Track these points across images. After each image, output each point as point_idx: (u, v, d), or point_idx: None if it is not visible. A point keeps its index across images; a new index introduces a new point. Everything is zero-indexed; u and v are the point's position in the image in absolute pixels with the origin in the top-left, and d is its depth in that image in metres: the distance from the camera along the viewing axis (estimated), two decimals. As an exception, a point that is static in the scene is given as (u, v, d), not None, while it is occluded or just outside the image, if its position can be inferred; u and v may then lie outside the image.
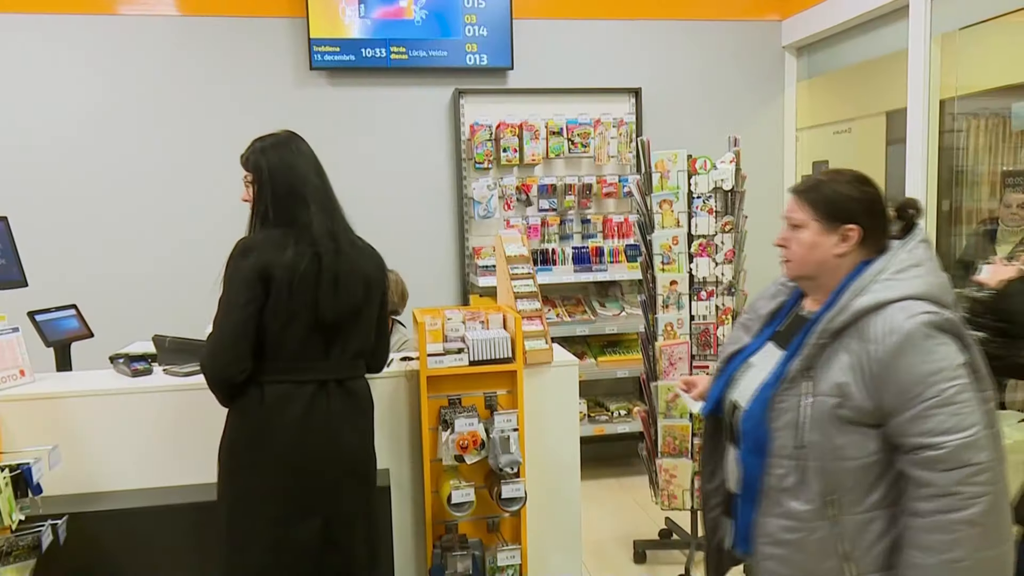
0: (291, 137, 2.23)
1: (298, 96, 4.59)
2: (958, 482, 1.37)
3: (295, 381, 1.99)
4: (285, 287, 1.93)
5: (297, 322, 1.96)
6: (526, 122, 4.61)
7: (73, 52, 4.37)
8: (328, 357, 2.04)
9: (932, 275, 1.50)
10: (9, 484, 1.90)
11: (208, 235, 4.52)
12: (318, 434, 2.01)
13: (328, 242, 2.04)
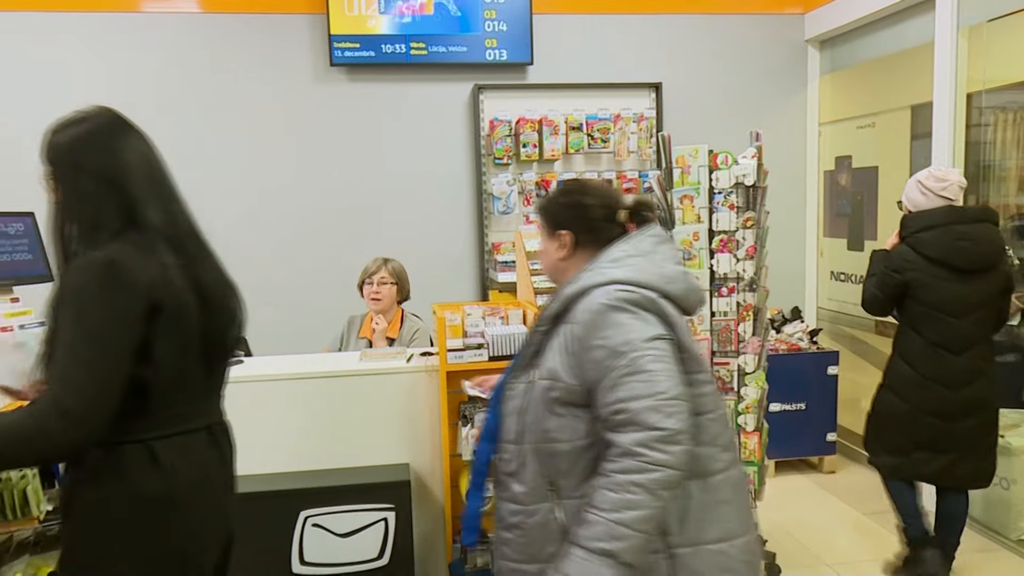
0: (113, 116, 1.69)
1: (318, 92, 4.61)
2: (640, 443, 1.37)
3: (185, 431, 1.53)
4: (176, 315, 1.46)
5: (188, 356, 1.51)
6: (546, 117, 4.60)
7: (95, 50, 4.42)
8: (208, 397, 1.63)
9: (650, 264, 1.57)
10: (36, 475, 1.93)
11: (229, 232, 4.56)
12: (220, 490, 1.62)
13: (189, 248, 1.58)
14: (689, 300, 1.62)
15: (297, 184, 4.62)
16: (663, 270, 1.58)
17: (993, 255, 2.94)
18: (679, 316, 1.56)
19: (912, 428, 3.02)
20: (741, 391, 3.25)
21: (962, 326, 2.94)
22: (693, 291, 1.63)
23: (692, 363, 1.52)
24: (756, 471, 3.27)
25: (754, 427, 3.26)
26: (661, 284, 1.55)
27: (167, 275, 1.46)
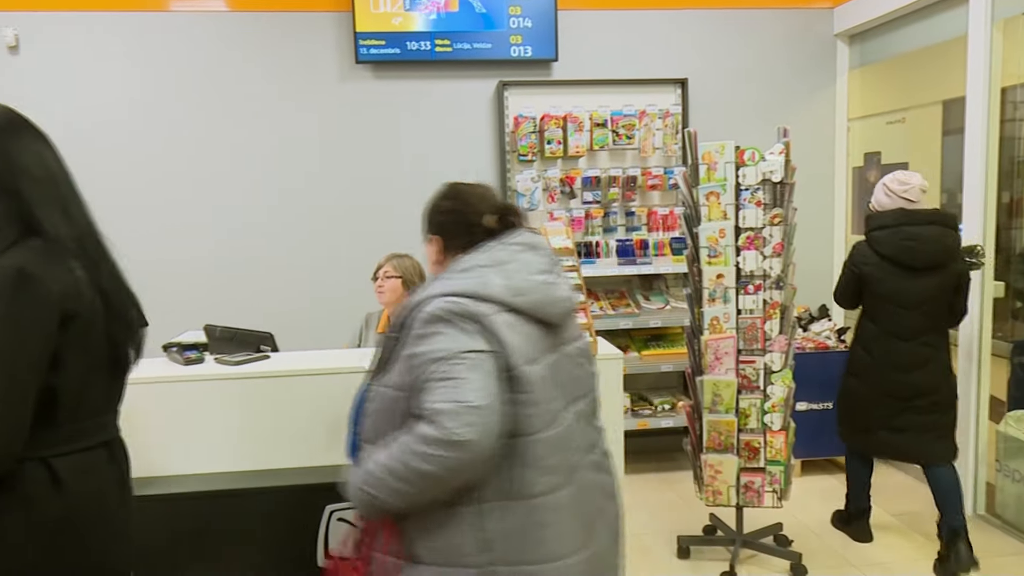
0: (8, 115, 1.51)
1: (344, 90, 4.64)
2: (426, 435, 1.38)
3: (86, 447, 1.43)
4: (86, 325, 1.39)
5: (93, 372, 1.44)
6: (570, 114, 4.59)
7: (125, 48, 4.49)
8: (108, 411, 1.53)
9: (499, 275, 1.54)
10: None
11: (256, 226, 4.61)
12: (118, 509, 1.52)
13: (92, 254, 1.49)
14: (545, 311, 1.57)
15: (322, 181, 4.65)
16: (512, 282, 1.54)
17: (941, 254, 3.21)
18: (526, 329, 1.52)
19: (871, 408, 3.35)
20: (767, 390, 3.22)
21: (912, 316, 3.24)
22: (552, 302, 1.59)
23: (518, 383, 1.47)
24: (782, 471, 3.25)
25: (780, 426, 3.23)
26: (505, 297, 1.52)
27: (77, 284, 1.39)
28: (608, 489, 1.74)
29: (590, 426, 1.71)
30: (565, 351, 1.64)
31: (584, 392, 1.70)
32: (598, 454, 1.73)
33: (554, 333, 1.61)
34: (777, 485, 3.26)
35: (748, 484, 3.27)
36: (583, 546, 1.59)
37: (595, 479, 1.68)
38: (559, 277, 1.66)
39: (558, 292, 1.62)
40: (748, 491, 3.28)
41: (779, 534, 3.52)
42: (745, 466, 3.26)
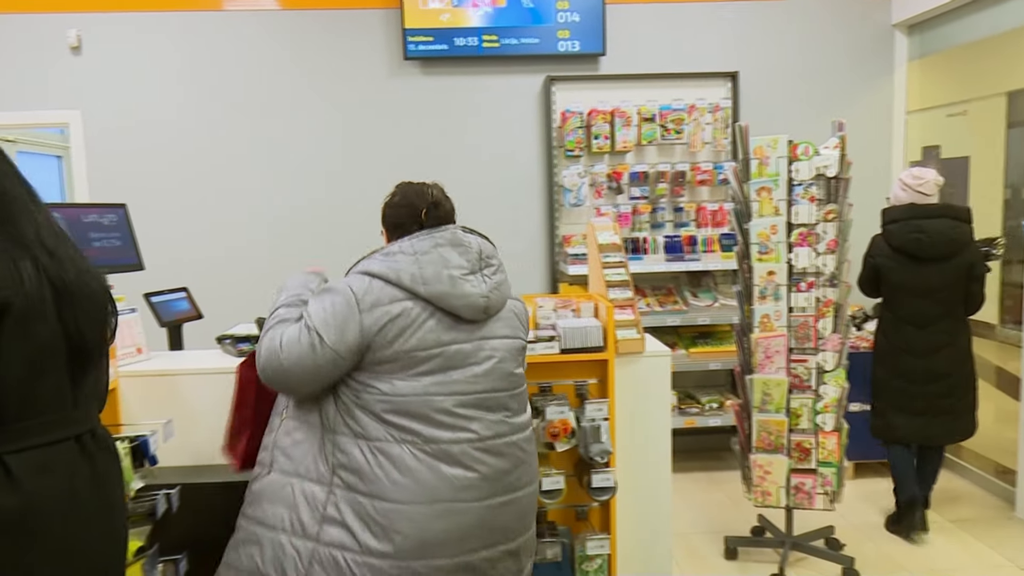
0: None
1: (392, 86, 4.68)
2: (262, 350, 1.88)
3: (47, 443, 1.39)
4: (25, 315, 1.34)
5: (42, 363, 1.39)
6: (618, 109, 4.55)
7: (180, 47, 4.59)
8: (77, 405, 1.48)
9: (413, 264, 1.81)
10: (128, 454, 2.02)
11: (306, 222, 4.68)
12: (93, 509, 1.48)
13: (41, 247, 1.42)
14: (450, 303, 1.81)
15: (370, 177, 4.70)
16: (423, 271, 1.80)
17: (947, 246, 3.37)
18: (429, 319, 1.80)
19: (888, 392, 3.53)
20: (820, 389, 3.15)
21: (925, 304, 3.43)
22: (457, 296, 1.81)
23: (395, 367, 1.79)
24: (835, 473, 3.18)
25: (833, 427, 3.16)
26: (410, 284, 1.80)
27: (15, 273, 1.33)
28: (492, 476, 1.84)
29: (489, 414, 1.86)
30: (485, 346, 1.86)
31: (493, 387, 1.87)
32: (501, 443, 1.87)
33: (468, 326, 1.84)
34: (829, 487, 3.19)
35: (799, 485, 3.21)
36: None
37: (480, 458, 1.83)
38: (480, 275, 1.87)
39: (466, 288, 1.82)
40: (799, 493, 3.21)
41: (830, 537, 3.44)
42: (796, 467, 3.20)
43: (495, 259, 1.98)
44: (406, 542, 1.75)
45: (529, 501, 1.95)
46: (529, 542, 1.97)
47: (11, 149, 6.74)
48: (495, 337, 1.90)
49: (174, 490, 2.25)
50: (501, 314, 1.95)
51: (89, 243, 2.71)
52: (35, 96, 4.56)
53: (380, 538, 1.76)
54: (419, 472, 1.77)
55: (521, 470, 1.91)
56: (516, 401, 1.94)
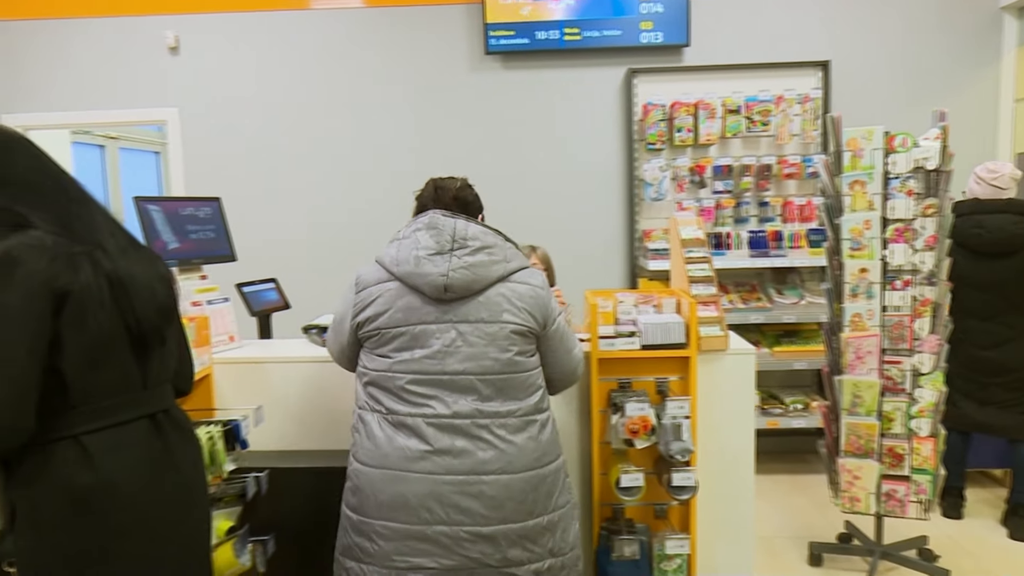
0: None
1: (473, 81, 4.71)
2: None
3: (120, 423, 1.49)
4: (83, 304, 1.43)
5: (104, 349, 1.47)
6: (702, 101, 4.45)
7: (270, 45, 4.74)
8: (147, 386, 1.57)
9: (396, 248, 2.00)
10: (221, 437, 2.10)
11: (391, 218, 4.76)
12: (169, 486, 1.57)
13: (95, 242, 1.51)
14: (413, 282, 1.95)
15: (450, 171, 4.73)
16: (398, 254, 1.98)
17: (1009, 241, 3.39)
18: (406, 296, 1.95)
19: (955, 380, 3.39)
20: (915, 393, 3.01)
21: (987, 298, 3.46)
22: (419, 275, 1.93)
23: (372, 341, 1.99)
24: (930, 480, 3.03)
25: (929, 432, 3.02)
26: (389, 264, 2.00)
27: (72, 263, 1.42)
28: (446, 452, 1.91)
29: (451, 395, 1.92)
30: (454, 328, 1.93)
31: (458, 369, 1.92)
32: (462, 424, 1.92)
33: (444, 306, 1.94)
34: (924, 495, 3.05)
35: (890, 492, 3.07)
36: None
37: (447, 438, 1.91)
38: (448, 255, 1.93)
39: (426, 267, 1.93)
40: (890, 500, 3.08)
41: (924, 548, 3.28)
42: (887, 473, 3.06)
43: (475, 241, 1.98)
44: (367, 501, 1.95)
45: (506, 490, 1.91)
46: (519, 534, 1.92)
47: (113, 146, 7.12)
48: (469, 321, 1.94)
49: (263, 473, 2.33)
50: (483, 297, 1.95)
51: (186, 235, 2.82)
52: (136, 95, 4.80)
53: (353, 493, 2.00)
54: (379, 439, 1.94)
55: (490, 455, 1.91)
56: (491, 387, 1.93)
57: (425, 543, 1.89)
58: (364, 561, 1.95)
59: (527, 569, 1.94)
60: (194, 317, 2.43)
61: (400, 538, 1.90)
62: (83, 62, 4.77)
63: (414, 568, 1.90)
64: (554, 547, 1.99)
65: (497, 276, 1.98)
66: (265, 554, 2.34)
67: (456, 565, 1.89)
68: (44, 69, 4.79)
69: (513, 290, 1.99)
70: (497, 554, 1.90)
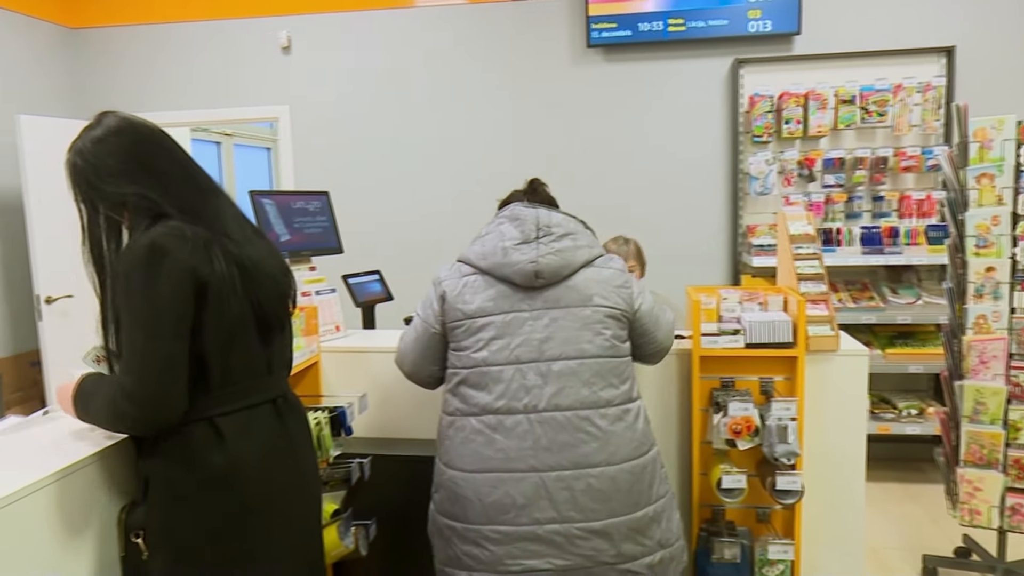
0: (120, 117, 1.63)
1: (574, 74, 4.69)
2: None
3: (249, 406, 1.57)
4: (220, 291, 1.50)
5: (236, 334, 1.54)
6: (813, 91, 4.27)
7: (376, 44, 4.86)
8: (270, 372, 1.65)
9: (479, 243, 2.03)
10: (328, 423, 2.18)
11: (491, 212, 4.80)
12: (288, 466, 1.64)
13: (225, 232, 1.58)
14: (503, 272, 1.94)
15: (554, 164, 4.74)
16: (483, 248, 2.00)
17: None
18: (492, 287, 1.94)
19: None
20: (1046, 401, 2.80)
21: None
22: (508, 264, 1.93)
23: (462, 334, 1.96)
24: (1062, 495, 2.81)
25: (1061, 444, 2.80)
26: (475, 260, 2.01)
27: (207, 252, 1.49)
28: (548, 447, 1.87)
29: (549, 384, 1.89)
30: (547, 314, 1.92)
31: (556, 355, 1.90)
32: (563, 416, 1.88)
33: (533, 293, 1.93)
34: (1053, 511, 2.83)
35: (1016, 506, 2.87)
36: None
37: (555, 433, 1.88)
38: (535, 243, 1.94)
39: (514, 256, 1.93)
40: (1016, 514, 2.88)
41: (1052, 568, 3.06)
42: (1013, 486, 2.86)
43: (559, 228, 1.99)
44: (471, 507, 1.89)
45: (612, 482, 1.87)
46: (629, 527, 1.88)
47: (228, 142, 7.48)
48: (560, 306, 1.93)
49: (367, 460, 2.41)
50: (572, 282, 1.95)
51: (296, 228, 2.94)
52: (251, 93, 5.03)
53: (452, 502, 1.94)
54: (477, 442, 1.90)
55: (593, 447, 1.87)
56: (589, 371, 1.90)
57: (537, 543, 1.85)
58: (475, 569, 1.90)
59: (642, 564, 1.90)
60: (303, 307, 2.53)
61: (511, 541, 1.86)
62: (204, 63, 5.04)
63: (527, 571, 1.85)
64: (662, 538, 1.95)
65: (583, 260, 1.99)
66: (367, 537, 2.41)
67: (571, 564, 1.85)
68: (170, 70, 5.08)
69: (599, 274, 2.00)
70: (612, 549, 1.86)
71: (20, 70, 4.72)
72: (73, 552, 1.49)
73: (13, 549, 1.34)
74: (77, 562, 1.50)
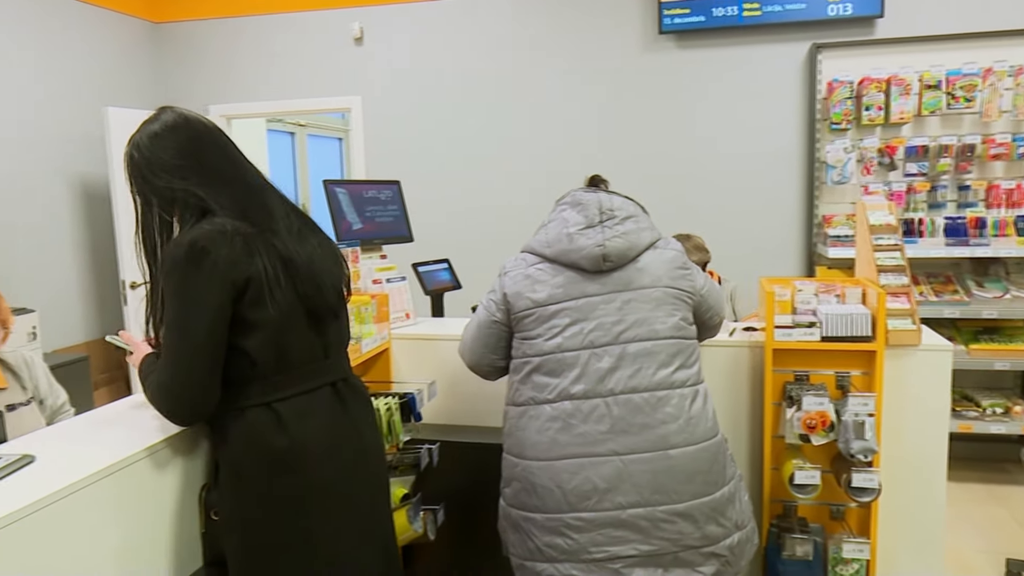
0: (177, 113, 1.65)
1: (645, 61, 4.62)
2: None
3: (306, 390, 1.61)
4: (262, 284, 1.53)
5: (286, 324, 1.58)
6: (895, 76, 4.11)
7: (446, 33, 4.90)
8: (328, 356, 1.69)
9: (542, 232, 2.04)
10: (398, 409, 2.22)
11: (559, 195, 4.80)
12: (351, 450, 1.67)
13: (271, 228, 1.60)
14: (570, 258, 1.94)
15: (622, 152, 4.70)
16: (547, 236, 2.00)
17: None
18: (559, 274, 1.94)
19: None
20: None
21: None
22: (575, 250, 1.93)
23: (532, 323, 1.95)
24: None
25: None
26: (540, 248, 2.01)
27: (248, 248, 1.52)
28: (627, 430, 1.85)
29: (625, 366, 1.87)
30: (619, 297, 1.90)
31: (631, 337, 1.88)
32: (640, 398, 1.85)
33: (602, 277, 1.92)
34: None
35: (1111, 513, 2.72)
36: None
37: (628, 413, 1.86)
38: (600, 227, 1.94)
39: (581, 241, 1.93)
40: (1111, 521, 2.73)
41: None
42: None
43: (621, 211, 1.99)
44: (550, 496, 1.85)
45: (694, 462, 1.85)
46: (711, 507, 1.85)
47: (302, 133, 7.66)
48: (631, 288, 1.92)
49: (435, 446, 2.44)
50: (640, 264, 1.94)
51: (368, 217, 2.99)
52: (323, 84, 5.13)
53: (529, 493, 1.90)
54: (552, 429, 1.87)
55: (672, 427, 1.84)
56: (665, 352, 1.89)
57: (621, 529, 1.81)
58: (559, 560, 1.86)
59: (724, 546, 1.86)
60: (375, 294, 2.58)
61: (594, 527, 1.82)
62: (279, 55, 5.17)
63: (612, 558, 1.81)
64: (738, 520, 1.92)
65: (648, 242, 1.99)
66: (435, 523, 2.46)
67: (656, 549, 1.81)
68: (247, 62, 5.23)
69: (662, 255, 1.99)
70: (697, 532, 1.83)
71: (108, 64, 4.93)
72: (159, 526, 1.56)
73: (106, 519, 1.42)
74: (163, 535, 1.57)
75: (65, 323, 4.56)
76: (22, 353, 2.36)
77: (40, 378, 2.34)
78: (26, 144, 4.31)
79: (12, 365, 2.29)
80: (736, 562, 1.90)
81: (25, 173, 4.30)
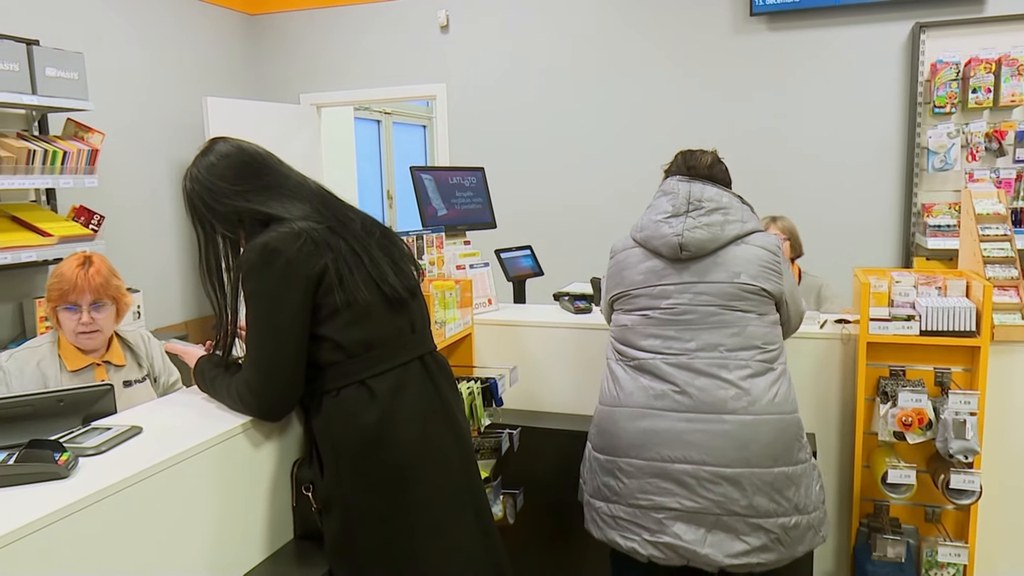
0: (228, 142, 1.73)
1: (735, 44, 4.50)
2: None
3: (397, 365, 1.66)
4: (334, 276, 1.59)
5: (367, 310, 1.62)
6: (1007, 56, 3.86)
7: (532, 20, 4.88)
8: (414, 330, 1.73)
9: (641, 218, 2.12)
10: (480, 393, 2.25)
11: (646, 187, 4.73)
12: (440, 420, 1.71)
13: (331, 222, 1.66)
14: (652, 245, 2.04)
15: (711, 137, 4.57)
16: (642, 222, 2.11)
17: None
18: (648, 260, 2.05)
19: None
20: None
21: None
22: (657, 237, 2.02)
23: (625, 301, 2.09)
24: None
25: None
26: (634, 233, 2.13)
27: (317, 243, 1.58)
28: (688, 392, 1.94)
29: (703, 338, 1.95)
30: (691, 289, 1.97)
31: (707, 325, 1.95)
32: (701, 363, 1.94)
33: (680, 267, 2.00)
34: None
35: None
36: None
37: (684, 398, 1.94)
38: (684, 217, 2.00)
39: (662, 229, 2.02)
40: None
41: None
42: None
43: (710, 203, 2.02)
44: (611, 440, 2.01)
45: (753, 431, 1.88)
46: (764, 480, 1.86)
47: (388, 120, 7.80)
48: (705, 280, 1.98)
49: (516, 431, 2.46)
50: (720, 257, 1.98)
51: (452, 203, 3.03)
52: (408, 72, 5.20)
53: (599, 435, 2.07)
54: (624, 380, 2.03)
55: (731, 393, 1.90)
56: (731, 340, 1.95)
57: (667, 481, 1.90)
58: (611, 500, 2.00)
59: (775, 523, 1.86)
60: (458, 280, 2.61)
61: (643, 475, 1.93)
62: (367, 43, 5.27)
63: (656, 508, 1.91)
64: (800, 503, 1.90)
65: (733, 236, 1.99)
66: (515, 507, 2.48)
67: (699, 508, 1.87)
68: (336, 51, 5.36)
69: (748, 251, 1.99)
70: (743, 500, 1.85)
71: (207, 55, 5.14)
72: (253, 499, 1.63)
73: (206, 489, 1.49)
74: (256, 507, 1.64)
75: (165, 302, 4.80)
76: (139, 331, 2.50)
77: (155, 356, 2.48)
78: (135, 132, 4.55)
79: (131, 343, 2.42)
80: (791, 545, 1.90)
81: (132, 159, 4.54)
